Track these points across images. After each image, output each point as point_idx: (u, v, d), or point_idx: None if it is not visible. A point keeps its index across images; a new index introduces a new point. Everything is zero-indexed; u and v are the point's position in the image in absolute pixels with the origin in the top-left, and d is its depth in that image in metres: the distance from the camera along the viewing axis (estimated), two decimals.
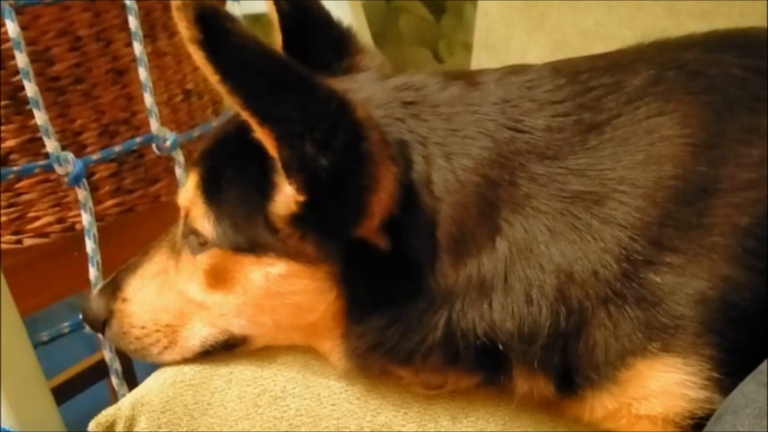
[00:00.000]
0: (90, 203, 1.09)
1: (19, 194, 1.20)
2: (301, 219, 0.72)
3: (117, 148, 1.16)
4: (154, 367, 0.86)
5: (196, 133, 1.23)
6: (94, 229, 1.08)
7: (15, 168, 1.13)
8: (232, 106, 0.69)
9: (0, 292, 1.00)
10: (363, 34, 1.06)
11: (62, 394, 1.50)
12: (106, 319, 0.85)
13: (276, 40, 0.84)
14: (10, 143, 1.16)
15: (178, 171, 1.16)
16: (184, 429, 0.81)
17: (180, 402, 0.81)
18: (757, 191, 0.69)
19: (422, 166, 0.73)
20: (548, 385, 0.74)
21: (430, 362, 0.74)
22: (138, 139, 1.17)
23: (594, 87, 0.75)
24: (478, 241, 0.72)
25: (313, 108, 0.68)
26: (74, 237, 1.17)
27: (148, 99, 1.14)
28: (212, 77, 0.66)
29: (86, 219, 1.08)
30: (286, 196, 0.72)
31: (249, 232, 0.75)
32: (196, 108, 1.34)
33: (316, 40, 0.85)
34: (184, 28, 0.64)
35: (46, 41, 1.15)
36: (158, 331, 0.82)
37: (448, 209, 0.72)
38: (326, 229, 0.73)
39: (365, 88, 0.78)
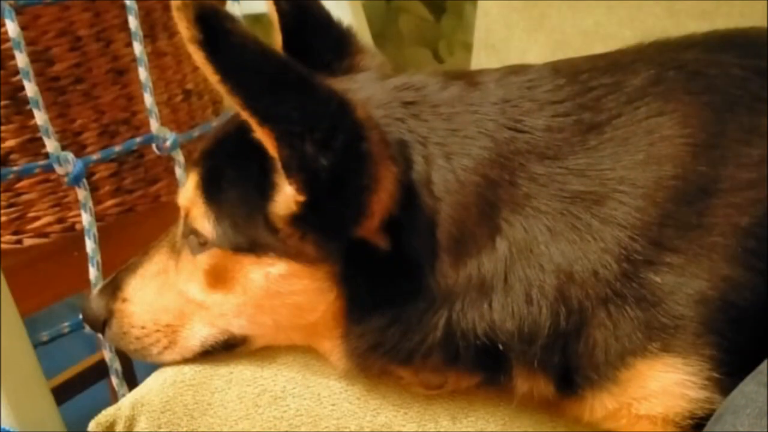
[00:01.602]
0: (90, 203, 1.09)
1: (19, 194, 1.19)
2: (301, 219, 0.72)
3: (117, 148, 1.16)
4: (154, 367, 0.86)
5: (196, 133, 1.23)
6: (94, 229, 1.08)
7: (15, 168, 1.13)
8: (232, 106, 0.69)
9: (0, 292, 1.00)
10: (363, 34, 1.06)
11: (62, 394, 1.50)
12: (106, 319, 0.85)
13: (276, 40, 0.84)
14: (10, 143, 1.16)
15: (178, 171, 1.16)
16: (184, 429, 0.81)
17: (180, 402, 0.81)
18: (757, 191, 0.69)
19: (422, 166, 0.73)
20: (548, 385, 0.74)
21: (430, 362, 0.74)
22: (138, 139, 1.17)
23: (594, 87, 0.75)
24: (478, 241, 0.72)
25: (313, 108, 0.68)
26: (74, 237, 1.17)
27: (148, 99, 1.14)
28: (212, 77, 0.66)
29: (86, 219, 1.08)
30: (286, 196, 0.72)
31: (249, 232, 0.75)
32: (196, 108, 1.34)
33: (316, 40, 0.85)
34: (184, 28, 0.64)
35: (46, 41, 1.15)
36: (158, 331, 0.82)
37: (448, 209, 0.72)
38: (326, 229, 0.73)
39: (365, 88, 0.78)
